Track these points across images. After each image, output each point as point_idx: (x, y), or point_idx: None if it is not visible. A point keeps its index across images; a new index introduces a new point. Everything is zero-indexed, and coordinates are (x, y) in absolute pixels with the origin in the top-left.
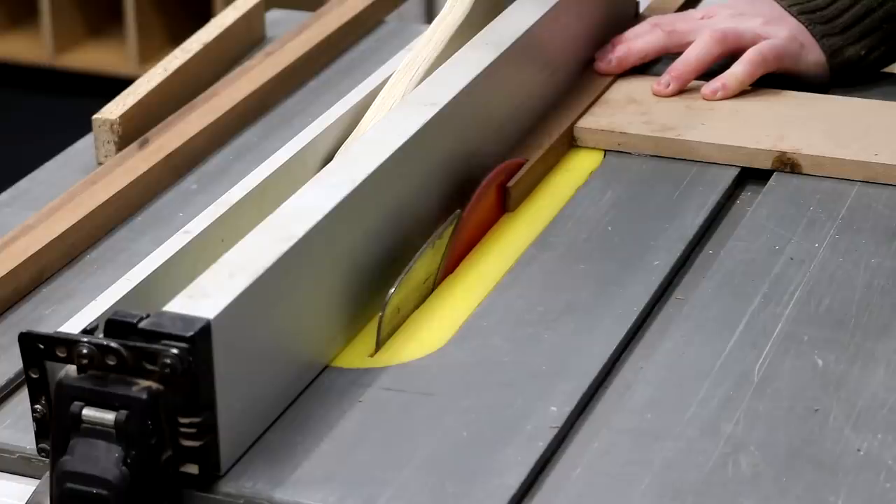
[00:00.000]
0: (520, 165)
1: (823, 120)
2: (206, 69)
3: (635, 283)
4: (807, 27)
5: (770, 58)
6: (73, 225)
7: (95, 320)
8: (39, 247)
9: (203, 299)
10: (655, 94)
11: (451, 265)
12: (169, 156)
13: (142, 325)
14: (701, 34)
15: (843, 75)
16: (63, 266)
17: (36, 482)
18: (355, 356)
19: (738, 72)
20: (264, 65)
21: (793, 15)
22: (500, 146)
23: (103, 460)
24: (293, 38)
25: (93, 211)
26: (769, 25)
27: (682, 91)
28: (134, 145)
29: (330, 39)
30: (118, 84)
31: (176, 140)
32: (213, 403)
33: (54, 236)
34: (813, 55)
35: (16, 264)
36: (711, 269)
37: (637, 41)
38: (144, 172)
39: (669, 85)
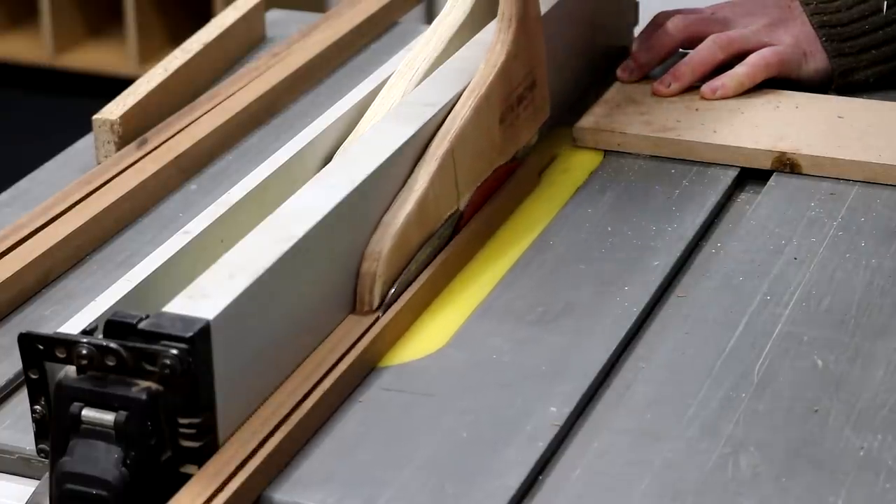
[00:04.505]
0: (519, 166)
1: (823, 120)
2: (207, 69)
3: (635, 283)
4: (822, 42)
5: (773, 63)
6: (80, 227)
7: (95, 321)
8: (45, 249)
9: (202, 300)
10: (656, 94)
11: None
12: (178, 157)
13: (141, 325)
14: (711, 38)
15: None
16: (69, 268)
17: (35, 483)
18: None
19: (739, 73)
20: (275, 67)
21: (813, 26)
22: None
23: (103, 461)
24: (301, 39)
25: (99, 213)
26: (774, 29)
27: (682, 91)
28: (132, 145)
29: (342, 41)
30: (118, 84)
31: (185, 142)
32: (212, 404)
33: (60, 238)
34: (814, 63)
35: (21, 266)
36: (711, 269)
37: (658, 43)
38: (152, 175)
39: (671, 85)
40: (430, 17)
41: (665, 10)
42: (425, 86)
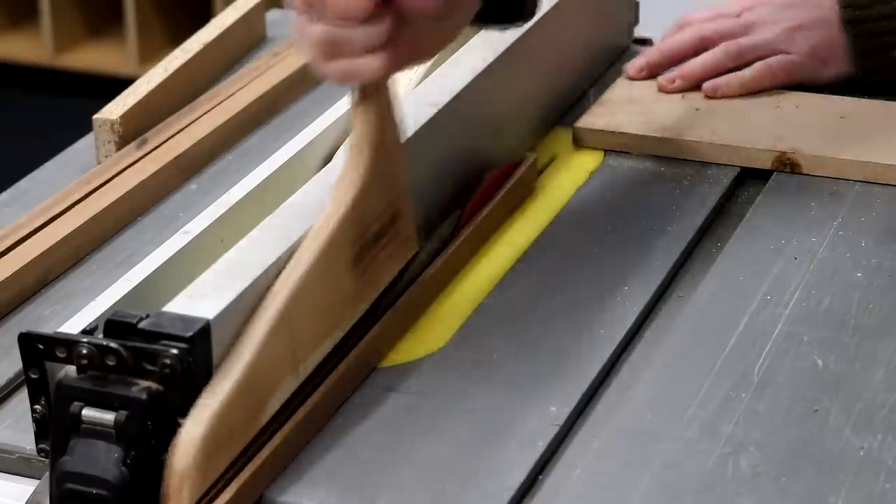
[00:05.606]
0: (519, 166)
1: (823, 120)
2: (207, 69)
3: (635, 283)
4: (848, 40)
5: (779, 73)
6: (79, 227)
7: (95, 320)
8: (44, 249)
9: (203, 299)
10: (660, 89)
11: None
12: (178, 157)
13: (141, 325)
14: (722, 46)
15: None
16: (69, 268)
17: (35, 482)
18: None
19: (743, 76)
20: (275, 66)
21: (841, 20)
22: (499, 146)
23: (103, 460)
24: None
25: (99, 213)
26: (796, 34)
27: (684, 90)
28: (132, 145)
29: None
30: (118, 84)
31: (185, 142)
32: None
33: (59, 238)
34: (834, 69)
35: (20, 266)
36: (711, 269)
37: (672, 49)
38: (153, 174)
39: (675, 82)
40: None
41: (692, 13)
42: (426, 85)
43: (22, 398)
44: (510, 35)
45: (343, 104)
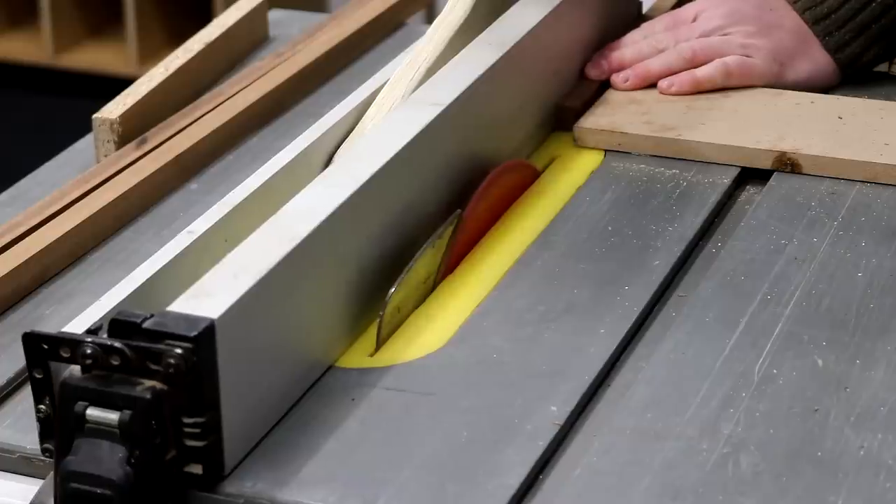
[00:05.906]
0: (520, 165)
1: (823, 120)
2: (208, 69)
3: (635, 283)
4: (821, 40)
5: (735, 73)
6: (78, 225)
7: (99, 320)
8: (42, 247)
9: (207, 299)
10: (612, 86)
11: (451, 265)
12: (178, 157)
13: (146, 324)
14: (675, 48)
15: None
16: (66, 266)
17: (37, 482)
18: (357, 356)
19: (697, 73)
20: (278, 67)
21: (807, 22)
22: (501, 146)
23: (107, 460)
24: (306, 39)
25: (98, 212)
26: (753, 38)
27: (635, 89)
28: (131, 144)
29: (347, 42)
30: (118, 84)
31: (185, 141)
32: (216, 403)
33: (58, 236)
34: (794, 73)
35: (18, 263)
36: (711, 268)
37: (628, 50)
38: (153, 173)
39: (628, 80)
40: (431, 18)
41: (651, 21)
42: (428, 85)
43: (22, 397)
44: (513, 35)
45: (344, 105)
